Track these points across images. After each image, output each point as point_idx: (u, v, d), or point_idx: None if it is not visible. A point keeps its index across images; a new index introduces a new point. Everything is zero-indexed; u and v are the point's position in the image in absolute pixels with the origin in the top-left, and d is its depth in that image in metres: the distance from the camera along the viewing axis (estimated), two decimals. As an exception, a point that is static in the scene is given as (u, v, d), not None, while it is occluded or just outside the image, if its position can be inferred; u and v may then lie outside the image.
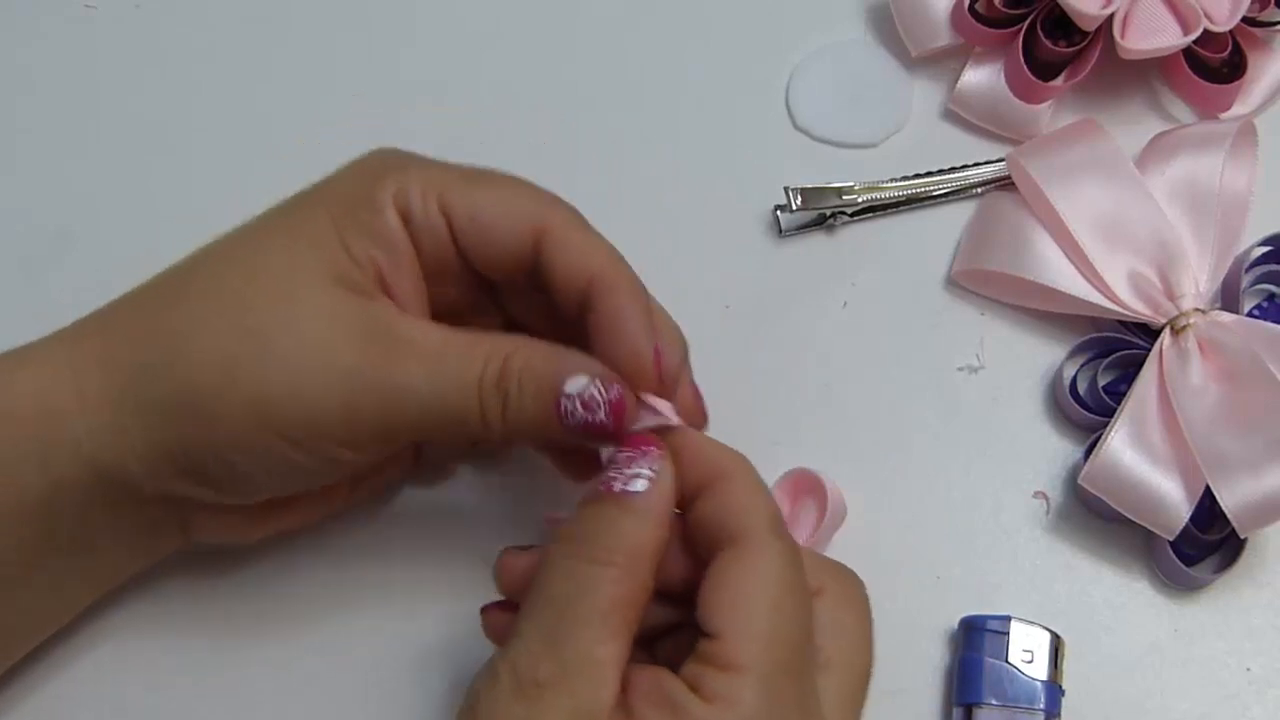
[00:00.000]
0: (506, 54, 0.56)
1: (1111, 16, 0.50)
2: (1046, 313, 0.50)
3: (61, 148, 0.55)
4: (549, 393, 0.37)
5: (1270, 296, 0.50)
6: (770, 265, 0.52)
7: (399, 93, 0.55)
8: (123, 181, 0.54)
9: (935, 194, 0.52)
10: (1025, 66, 0.51)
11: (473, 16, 0.57)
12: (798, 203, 0.51)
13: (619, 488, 0.35)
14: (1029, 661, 0.43)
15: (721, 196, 0.53)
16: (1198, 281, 0.48)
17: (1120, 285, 0.48)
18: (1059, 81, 0.52)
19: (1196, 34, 0.50)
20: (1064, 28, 0.51)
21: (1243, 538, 0.44)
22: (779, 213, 0.52)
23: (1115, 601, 0.46)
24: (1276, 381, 0.44)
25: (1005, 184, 0.52)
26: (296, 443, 0.37)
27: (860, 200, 0.52)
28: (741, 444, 0.37)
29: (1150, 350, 0.47)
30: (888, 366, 0.50)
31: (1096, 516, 0.47)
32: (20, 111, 0.55)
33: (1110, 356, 0.48)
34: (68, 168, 0.54)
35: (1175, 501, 0.44)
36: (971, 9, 0.52)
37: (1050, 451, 0.48)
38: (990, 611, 0.44)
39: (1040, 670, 0.43)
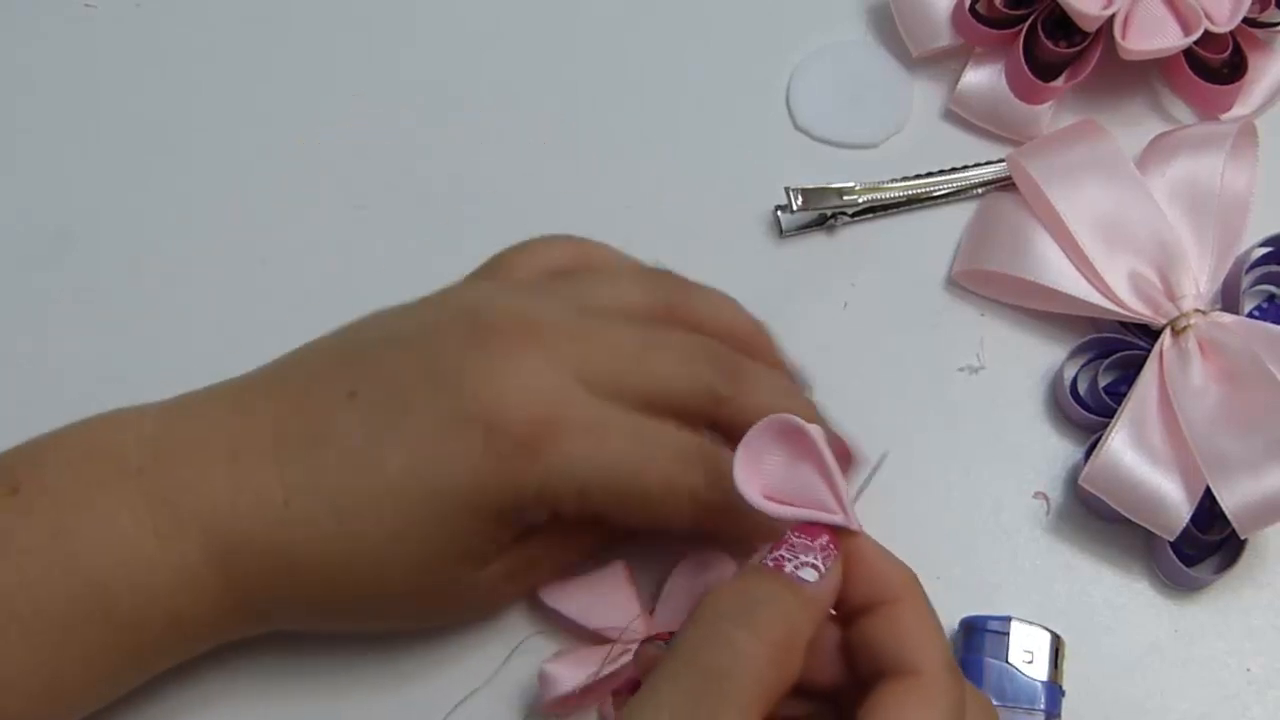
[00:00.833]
0: (506, 54, 0.56)
1: (1112, 17, 0.50)
2: (1047, 313, 0.50)
3: (61, 148, 0.55)
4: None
5: (1271, 297, 0.50)
6: (770, 265, 0.52)
7: (399, 93, 0.55)
8: (123, 181, 0.54)
9: (936, 194, 0.52)
10: (1026, 67, 0.51)
11: (473, 16, 0.57)
12: (798, 203, 0.51)
13: (789, 570, 0.35)
14: (1029, 662, 0.43)
15: (722, 196, 0.53)
16: (1198, 282, 0.48)
17: (1121, 286, 0.48)
18: (1059, 82, 0.52)
19: (1197, 35, 0.50)
20: (1065, 28, 0.51)
21: (1243, 538, 0.44)
22: (779, 213, 0.52)
23: (1115, 602, 0.46)
24: (1277, 382, 0.44)
25: (1006, 184, 0.52)
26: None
27: (861, 201, 0.52)
28: (741, 444, 0.37)
29: (1151, 351, 0.47)
30: (888, 367, 0.50)
31: (1096, 517, 0.47)
32: (20, 111, 0.55)
33: (1111, 357, 0.48)
34: (68, 168, 0.54)
35: (1175, 502, 0.44)
36: (972, 9, 0.52)
37: (1050, 452, 0.48)
38: (990, 612, 0.44)
39: (1040, 671, 0.43)
